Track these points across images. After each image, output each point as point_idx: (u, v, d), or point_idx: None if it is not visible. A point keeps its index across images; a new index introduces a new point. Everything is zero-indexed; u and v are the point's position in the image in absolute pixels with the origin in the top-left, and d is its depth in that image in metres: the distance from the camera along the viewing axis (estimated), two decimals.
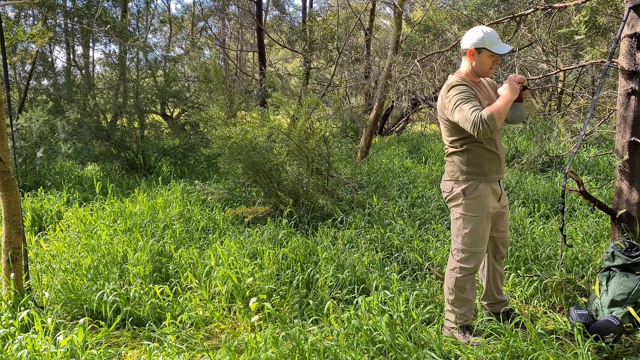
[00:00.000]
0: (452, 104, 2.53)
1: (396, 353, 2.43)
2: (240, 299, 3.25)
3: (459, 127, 2.60)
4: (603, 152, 6.44)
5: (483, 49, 2.60)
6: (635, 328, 2.91)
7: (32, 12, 9.06)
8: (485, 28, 2.63)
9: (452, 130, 2.68)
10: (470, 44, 2.61)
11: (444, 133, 2.76)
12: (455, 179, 2.70)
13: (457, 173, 2.69)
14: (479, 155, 2.64)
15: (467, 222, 2.66)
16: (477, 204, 2.65)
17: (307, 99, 4.99)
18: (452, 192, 2.72)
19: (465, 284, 2.72)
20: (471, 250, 2.68)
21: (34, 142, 7.05)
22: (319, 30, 11.40)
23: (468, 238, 2.67)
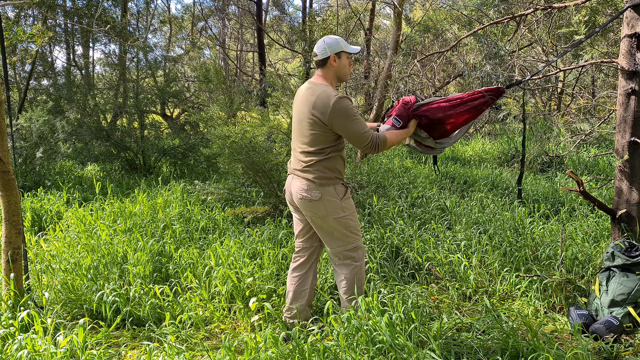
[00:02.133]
0: (344, 117, 2.54)
1: (396, 353, 2.43)
2: (240, 299, 3.25)
3: (331, 137, 2.62)
4: (603, 152, 6.44)
5: (342, 52, 2.67)
6: (635, 328, 2.91)
7: (32, 12, 9.05)
8: (334, 36, 2.74)
9: (323, 138, 2.62)
10: (330, 51, 2.64)
11: (309, 140, 2.65)
12: (321, 183, 2.67)
13: (322, 177, 2.67)
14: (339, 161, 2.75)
15: (352, 220, 2.76)
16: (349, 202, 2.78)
17: None
18: (324, 197, 2.68)
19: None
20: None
21: (34, 142, 7.05)
22: (319, 30, 11.40)
23: (355, 232, 2.79)
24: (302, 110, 2.66)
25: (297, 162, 2.72)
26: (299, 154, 2.71)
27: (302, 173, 2.68)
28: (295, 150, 2.75)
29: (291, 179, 2.77)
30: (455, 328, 2.87)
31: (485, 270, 3.66)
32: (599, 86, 11.12)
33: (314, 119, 2.59)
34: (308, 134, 2.64)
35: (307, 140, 2.66)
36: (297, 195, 2.69)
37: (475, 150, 9.39)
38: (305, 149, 2.67)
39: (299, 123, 2.70)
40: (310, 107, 2.60)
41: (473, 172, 7.16)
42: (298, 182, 2.70)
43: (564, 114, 9.42)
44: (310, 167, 2.66)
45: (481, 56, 7.57)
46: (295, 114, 2.75)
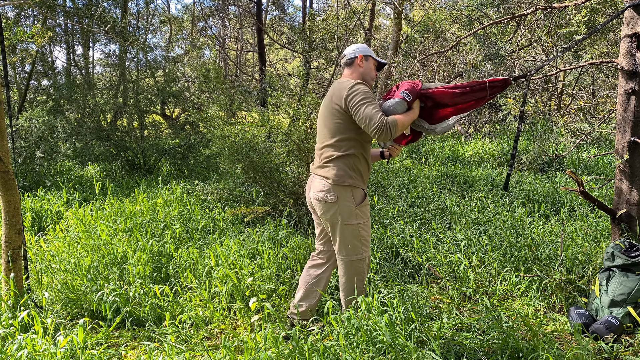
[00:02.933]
0: (359, 96, 2.52)
1: (396, 353, 2.43)
2: (240, 299, 3.25)
3: (351, 125, 2.59)
4: (603, 152, 6.44)
5: (369, 56, 2.76)
6: (635, 328, 2.91)
7: (32, 12, 9.05)
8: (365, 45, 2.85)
9: (344, 127, 2.60)
10: (359, 52, 2.74)
11: (330, 131, 2.64)
12: (337, 182, 2.62)
13: (340, 177, 2.63)
14: (362, 161, 2.71)
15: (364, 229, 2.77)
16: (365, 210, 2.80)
17: (307, 99, 4.99)
18: (339, 199, 2.64)
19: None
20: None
21: (34, 142, 7.05)
22: (319, 30, 11.40)
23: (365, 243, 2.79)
24: (325, 105, 2.69)
25: (318, 159, 2.71)
26: (320, 151, 2.70)
27: (322, 170, 2.65)
28: (317, 149, 2.74)
29: (311, 180, 2.75)
30: (455, 328, 2.86)
31: (485, 270, 3.66)
32: (599, 86, 11.12)
33: (335, 107, 2.61)
34: (330, 125, 2.64)
35: (328, 132, 2.65)
36: (314, 196, 2.66)
37: (475, 150, 9.39)
38: (326, 142, 2.65)
39: (322, 120, 2.71)
40: (332, 97, 2.64)
41: (473, 172, 7.16)
42: (317, 182, 2.67)
43: (564, 114, 9.42)
44: (331, 163, 2.62)
45: (481, 56, 7.57)
46: (319, 114, 2.77)
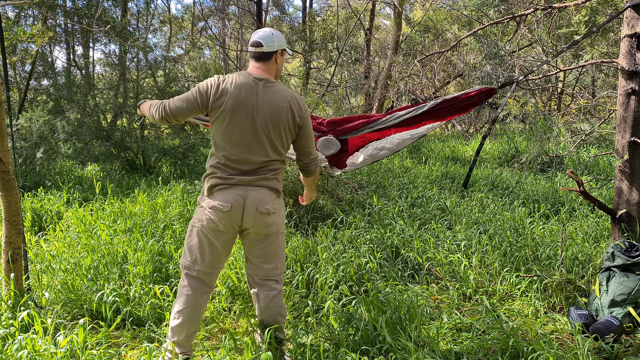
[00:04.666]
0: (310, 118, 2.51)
1: (396, 353, 2.43)
2: (240, 299, 3.25)
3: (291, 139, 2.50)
4: (603, 152, 6.44)
5: (284, 50, 2.51)
6: (635, 328, 2.91)
7: (32, 12, 9.05)
8: (277, 31, 2.51)
9: (289, 141, 2.48)
10: (277, 46, 2.43)
11: (284, 144, 2.44)
12: (281, 193, 2.53)
13: (281, 187, 2.53)
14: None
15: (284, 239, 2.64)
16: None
17: (307, 99, 4.99)
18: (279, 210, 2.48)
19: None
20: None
21: (34, 142, 7.04)
22: (319, 31, 11.40)
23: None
24: (270, 110, 2.34)
25: (259, 170, 2.38)
26: (266, 163, 2.38)
27: (267, 182, 2.39)
28: (260, 161, 2.36)
29: (243, 191, 2.34)
30: (455, 328, 2.86)
31: (485, 270, 3.66)
32: (599, 86, 11.13)
33: (294, 119, 2.40)
34: (286, 136, 2.42)
35: (280, 144, 2.41)
36: (261, 209, 2.35)
37: (475, 150, 9.39)
38: (276, 157, 2.41)
39: (274, 129, 2.36)
40: (289, 108, 2.38)
41: (473, 172, 7.16)
42: (259, 193, 2.36)
43: (564, 114, 9.42)
44: (277, 176, 2.44)
45: (481, 56, 7.57)
46: (249, 114, 2.32)
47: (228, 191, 2.33)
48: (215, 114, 2.34)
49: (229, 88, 2.32)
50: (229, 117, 2.31)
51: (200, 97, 2.34)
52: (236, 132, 2.32)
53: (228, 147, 2.33)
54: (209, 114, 2.38)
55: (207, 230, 2.35)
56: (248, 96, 2.32)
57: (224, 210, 2.31)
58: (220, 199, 2.32)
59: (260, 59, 2.41)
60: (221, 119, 2.33)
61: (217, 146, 2.36)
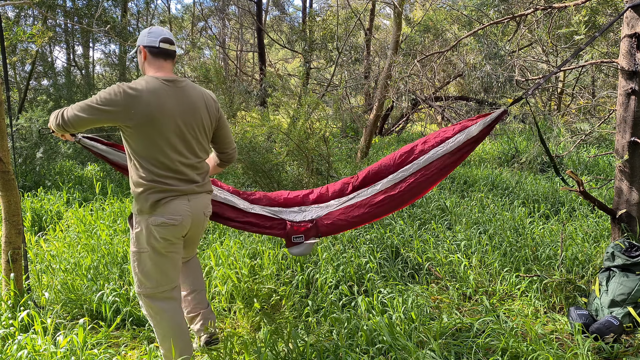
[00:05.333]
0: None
1: (396, 353, 2.43)
2: (240, 299, 3.25)
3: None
4: (603, 152, 6.44)
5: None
6: (635, 328, 2.91)
7: (32, 12, 9.05)
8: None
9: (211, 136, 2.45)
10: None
11: (208, 141, 2.41)
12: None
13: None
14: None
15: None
16: None
17: (307, 99, 4.99)
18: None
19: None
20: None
21: (34, 142, 7.05)
22: (319, 30, 11.40)
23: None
24: (189, 110, 2.24)
25: (197, 176, 2.32)
26: (197, 165, 2.31)
27: (206, 186, 2.39)
28: (192, 164, 2.29)
29: (187, 200, 2.27)
30: (455, 328, 2.86)
31: (485, 270, 3.66)
32: (599, 86, 11.12)
33: (211, 119, 2.36)
34: (208, 136, 2.38)
35: (205, 145, 2.36)
36: (206, 214, 2.40)
37: (475, 150, 9.39)
38: (204, 156, 2.37)
39: (199, 130, 2.29)
40: (206, 104, 2.32)
41: (473, 172, 7.16)
42: (202, 199, 2.35)
43: (564, 114, 9.42)
44: (208, 177, 2.43)
45: (481, 56, 7.57)
46: (171, 119, 2.18)
47: (173, 203, 2.21)
48: (131, 125, 2.12)
49: (142, 96, 2.11)
50: (149, 126, 2.12)
51: (105, 109, 2.09)
52: (162, 141, 2.16)
53: (158, 156, 2.17)
54: (121, 127, 2.16)
55: (160, 249, 2.22)
56: (165, 101, 2.16)
57: (175, 224, 2.21)
58: (168, 214, 2.19)
59: (170, 57, 2.29)
60: (141, 129, 2.12)
61: (145, 158, 2.17)
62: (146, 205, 2.18)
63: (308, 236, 2.66)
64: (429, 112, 14.05)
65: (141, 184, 2.18)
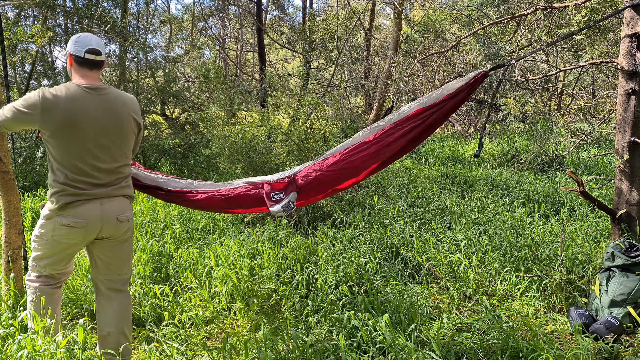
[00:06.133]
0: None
1: (396, 353, 2.43)
2: (240, 299, 3.26)
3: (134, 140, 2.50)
4: (603, 152, 6.44)
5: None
6: (635, 328, 2.91)
7: (32, 12, 9.05)
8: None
9: (134, 141, 2.48)
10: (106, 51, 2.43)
11: (130, 148, 2.43)
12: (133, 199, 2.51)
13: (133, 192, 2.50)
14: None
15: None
16: None
17: (307, 99, 4.99)
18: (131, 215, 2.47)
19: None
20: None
21: (34, 142, 7.05)
22: (319, 31, 11.40)
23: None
24: (110, 118, 2.30)
25: (112, 181, 2.35)
26: (117, 170, 2.36)
27: (121, 190, 2.39)
28: (111, 169, 2.34)
29: (100, 204, 2.30)
30: (455, 328, 2.86)
31: (485, 270, 3.66)
32: (599, 86, 11.12)
33: (135, 122, 2.40)
34: (129, 141, 2.41)
35: (127, 149, 2.41)
36: (122, 217, 2.37)
37: (475, 150, 9.39)
38: (125, 161, 2.41)
39: (118, 136, 2.33)
40: (129, 111, 2.37)
41: (473, 172, 7.16)
42: (117, 203, 2.36)
43: (564, 114, 9.42)
44: (129, 182, 2.46)
45: (481, 56, 7.57)
46: (88, 126, 2.23)
47: (83, 207, 2.26)
48: (48, 130, 2.20)
49: (59, 103, 2.18)
50: (67, 132, 2.20)
51: (26, 113, 2.19)
52: (78, 146, 2.23)
53: (75, 161, 2.24)
54: (40, 130, 2.25)
55: (60, 243, 2.32)
56: (84, 108, 2.23)
57: (78, 227, 2.26)
58: (74, 216, 2.25)
59: (95, 67, 2.33)
60: (58, 134, 2.20)
61: (61, 162, 2.24)
62: (56, 206, 2.26)
63: (287, 192, 2.68)
64: None
65: (54, 186, 2.28)
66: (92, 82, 2.31)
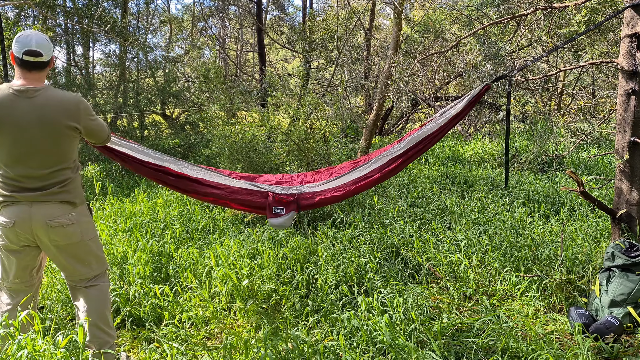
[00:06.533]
0: (91, 110, 2.39)
1: (396, 353, 2.43)
2: (240, 299, 3.26)
3: (76, 145, 2.40)
4: (603, 152, 6.44)
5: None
6: (635, 328, 2.91)
7: (32, 12, 9.05)
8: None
9: (74, 148, 2.38)
10: (52, 52, 2.32)
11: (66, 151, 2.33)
12: (79, 202, 2.42)
13: (80, 195, 2.43)
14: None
15: (99, 238, 2.58)
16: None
17: (307, 99, 4.99)
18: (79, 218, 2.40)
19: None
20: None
21: None
22: (319, 30, 11.40)
23: (103, 251, 2.60)
24: (40, 120, 2.22)
25: (44, 185, 2.28)
26: (49, 175, 2.29)
27: (55, 196, 2.30)
28: (42, 175, 2.27)
29: (29, 207, 2.26)
30: (455, 328, 2.86)
31: (485, 270, 3.66)
32: (599, 86, 11.12)
33: (66, 126, 2.27)
34: (60, 147, 2.29)
35: (61, 156, 2.30)
36: (51, 224, 2.28)
37: (475, 150, 9.39)
38: (59, 167, 2.30)
39: (46, 140, 2.24)
40: (58, 115, 2.25)
41: (473, 172, 7.17)
42: (47, 208, 2.28)
43: (564, 114, 9.42)
44: (67, 187, 2.33)
45: (481, 56, 7.57)
46: (15, 130, 2.19)
47: (12, 207, 2.27)
48: None
49: None
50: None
51: None
52: (4, 152, 2.21)
53: (3, 166, 2.24)
54: None
55: (1, 244, 2.36)
56: (8, 113, 2.18)
57: (7, 227, 2.28)
58: (4, 216, 2.28)
59: (35, 68, 2.26)
60: None
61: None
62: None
63: (288, 210, 2.81)
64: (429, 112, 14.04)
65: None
66: (30, 83, 2.25)
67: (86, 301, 2.47)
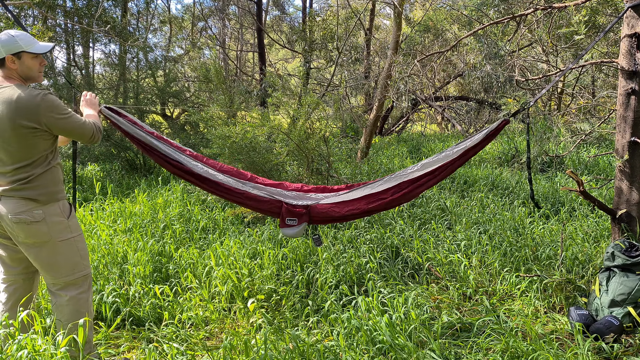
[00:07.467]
0: (60, 108, 2.32)
1: (396, 353, 2.43)
2: (240, 299, 3.26)
3: (49, 141, 2.36)
4: (603, 152, 6.44)
5: (22, 52, 2.33)
6: (635, 328, 2.91)
7: (32, 12, 9.05)
8: (13, 31, 2.33)
9: (40, 145, 2.33)
10: (5, 52, 2.29)
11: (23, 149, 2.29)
12: (46, 200, 2.38)
13: (48, 193, 2.39)
14: (60, 173, 2.49)
15: (81, 242, 2.55)
16: (76, 222, 2.57)
17: (307, 99, 4.99)
18: (47, 217, 2.37)
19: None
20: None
21: None
22: (319, 30, 11.40)
23: (85, 257, 2.55)
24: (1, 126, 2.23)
25: (11, 182, 2.31)
26: (11, 173, 2.30)
27: (18, 192, 2.31)
28: (0, 168, 2.32)
29: (4, 201, 2.32)
30: (455, 328, 2.87)
31: (485, 270, 3.66)
32: (599, 86, 11.12)
33: (22, 125, 2.24)
34: (19, 145, 2.28)
35: (21, 153, 2.29)
36: (13, 219, 2.30)
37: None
38: (21, 164, 2.30)
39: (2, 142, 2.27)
40: (12, 114, 2.23)
41: (473, 172, 7.17)
42: (11, 203, 2.31)
43: (564, 114, 9.42)
44: (30, 183, 2.32)
45: (481, 56, 7.57)
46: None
47: None
48: None
49: None
50: None
51: None
52: None
53: None
54: None
55: None
56: None
57: None
58: None
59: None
60: None
61: None
62: None
63: (300, 221, 2.88)
64: (429, 112, 14.06)
65: None
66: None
67: (55, 306, 2.46)
